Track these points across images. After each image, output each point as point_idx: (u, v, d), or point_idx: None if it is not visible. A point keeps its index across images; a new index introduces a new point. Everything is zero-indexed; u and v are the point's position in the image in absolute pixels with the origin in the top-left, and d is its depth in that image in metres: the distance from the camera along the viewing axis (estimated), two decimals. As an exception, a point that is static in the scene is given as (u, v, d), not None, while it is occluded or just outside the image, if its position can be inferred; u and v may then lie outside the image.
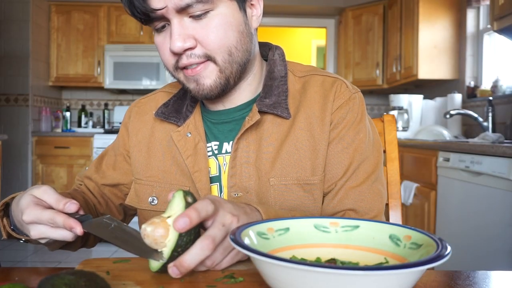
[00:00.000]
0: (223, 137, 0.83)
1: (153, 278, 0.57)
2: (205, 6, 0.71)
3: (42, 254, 3.59)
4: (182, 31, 0.72)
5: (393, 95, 3.75)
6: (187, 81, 0.77)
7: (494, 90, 3.05)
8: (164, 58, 0.77)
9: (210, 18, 0.72)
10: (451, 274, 0.60)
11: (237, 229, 0.54)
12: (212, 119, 0.85)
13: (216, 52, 0.73)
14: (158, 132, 0.87)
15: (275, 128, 0.80)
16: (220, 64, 0.74)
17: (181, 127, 0.83)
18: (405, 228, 0.56)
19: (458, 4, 3.49)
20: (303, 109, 0.81)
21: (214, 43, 0.73)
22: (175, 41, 0.71)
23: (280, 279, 0.46)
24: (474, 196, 2.09)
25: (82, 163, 4.02)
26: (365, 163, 0.80)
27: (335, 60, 4.80)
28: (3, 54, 3.96)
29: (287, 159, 0.79)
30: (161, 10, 0.70)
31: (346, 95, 0.82)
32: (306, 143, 0.79)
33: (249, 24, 0.78)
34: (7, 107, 3.98)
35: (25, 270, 0.61)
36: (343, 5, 4.44)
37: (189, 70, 0.75)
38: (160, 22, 0.74)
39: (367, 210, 0.78)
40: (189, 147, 0.82)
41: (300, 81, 0.85)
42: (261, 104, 0.79)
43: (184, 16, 0.72)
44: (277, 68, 0.84)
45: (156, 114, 0.86)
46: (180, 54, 0.73)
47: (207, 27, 0.72)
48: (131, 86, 4.32)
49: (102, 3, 4.34)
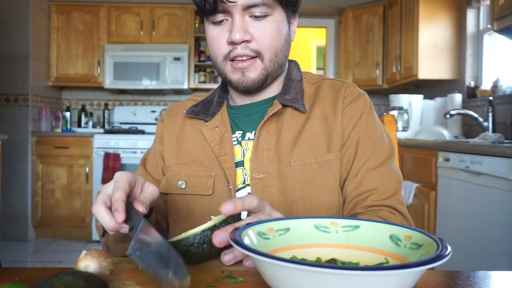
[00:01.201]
0: (246, 127, 0.92)
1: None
2: (267, 9, 0.83)
3: (42, 254, 3.59)
4: (243, 26, 0.82)
5: (393, 95, 3.75)
6: (233, 71, 0.86)
7: (494, 90, 3.05)
8: (217, 48, 0.86)
9: (267, 21, 0.84)
10: (451, 274, 0.60)
11: (237, 229, 0.54)
12: (236, 114, 0.94)
13: (266, 51, 0.85)
14: (188, 129, 0.96)
15: (294, 120, 0.89)
16: (266, 63, 0.85)
17: (209, 122, 0.93)
18: (405, 228, 0.56)
19: (458, 4, 3.49)
20: (317, 105, 0.91)
21: (267, 42, 0.84)
22: (236, 32, 0.81)
23: (280, 279, 0.46)
24: (474, 196, 2.09)
25: (82, 163, 4.02)
26: (380, 148, 0.89)
27: (335, 60, 4.80)
28: (3, 54, 3.96)
29: (305, 144, 0.87)
30: (232, 4, 0.80)
31: (356, 93, 0.92)
32: (321, 129, 0.88)
33: (289, 35, 0.91)
34: (7, 107, 3.98)
35: (25, 270, 0.61)
36: (343, 5, 4.44)
37: (239, 63, 0.85)
38: (222, 15, 0.83)
39: (386, 188, 0.86)
40: (216, 137, 0.90)
41: (314, 86, 0.95)
42: (282, 98, 0.90)
43: (246, 14, 0.82)
44: (293, 73, 0.96)
45: (187, 113, 0.96)
46: (235, 45, 0.83)
47: (264, 28, 0.84)
48: (131, 86, 4.32)
49: (102, 3, 4.34)
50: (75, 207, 4.02)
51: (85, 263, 0.50)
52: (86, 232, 4.06)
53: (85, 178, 4.02)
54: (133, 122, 4.51)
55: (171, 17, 4.37)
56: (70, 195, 4.03)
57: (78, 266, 0.50)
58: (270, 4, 0.83)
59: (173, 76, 4.29)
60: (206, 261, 0.64)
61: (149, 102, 4.76)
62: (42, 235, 4.08)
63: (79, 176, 4.03)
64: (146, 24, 4.37)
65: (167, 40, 4.36)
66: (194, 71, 4.49)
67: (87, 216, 4.02)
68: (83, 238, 4.06)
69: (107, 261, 0.51)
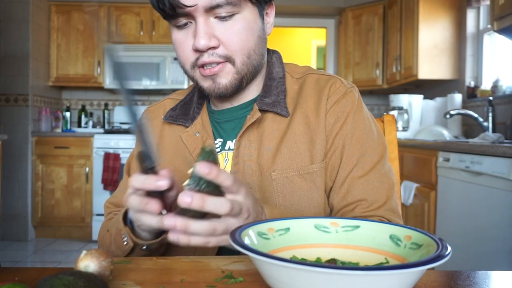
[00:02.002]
0: (226, 135, 0.86)
1: (153, 278, 0.57)
2: (232, 8, 0.74)
3: (42, 254, 3.59)
4: (208, 30, 0.74)
5: (393, 95, 3.75)
6: (203, 79, 0.79)
7: (494, 90, 3.05)
8: (183, 55, 0.78)
9: (234, 20, 0.75)
10: (451, 274, 0.60)
11: (237, 229, 0.54)
12: (216, 119, 0.88)
13: (236, 54, 0.77)
14: (167, 135, 0.90)
15: (275, 125, 0.83)
16: (238, 66, 0.78)
17: (189, 128, 0.87)
18: (405, 228, 0.56)
19: (458, 4, 3.49)
20: (299, 106, 0.84)
21: (236, 45, 0.76)
22: (200, 39, 0.73)
23: (280, 279, 0.45)
24: (474, 196, 2.09)
25: (82, 163, 4.02)
26: (369, 153, 0.81)
27: (335, 60, 4.80)
28: (3, 54, 3.96)
29: (287, 153, 0.81)
30: (191, 8, 0.72)
31: (342, 90, 0.84)
32: (304, 135, 0.82)
33: (264, 30, 0.82)
34: (7, 107, 3.98)
35: (25, 270, 0.61)
36: (343, 5, 4.44)
37: (207, 70, 0.77)
38: (185, 18, 0.75)
39: (376, 197, 0.79)
40: (198, 145, 0.84)
41: (298, 82, 0.88)
42: (261, 103, 0.83)
43: (210, 16, 0.74)
44: (275, 69, 0.88)
45: (165, 118, 0.90)
46: (201, 52, 0.76)
47: (231, 29, 0.75)
48: (131, 86, 4.31)
49: (102, 3, 4.34)
50: (75, 207, 4.03)
51: (85, 263, 0.50)
52: (86, 232, 4.06)
53: (85, 178, 4.02)
54: (133, 122, 4.51)
55: (171, 17, 4.37)
56: (70, 195, 4.03)
57: (78, 266, 0.50)
58: (236, 2, 0.74)
59: (173, 76, 4.29)
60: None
61: (149, 102, 4.76)
62: (42, 235, 4.08)
63: (79, 176, 4.03)
64: (146, 24, 4.37)
65: (167, 40, 4.36)
66: (194, 71, 4.48)
67: (87, 216, 4.02)
68: (83, 238, 4.06)
69: (107, 261, 0.51)
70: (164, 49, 4.28)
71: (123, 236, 0.72)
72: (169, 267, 0.61)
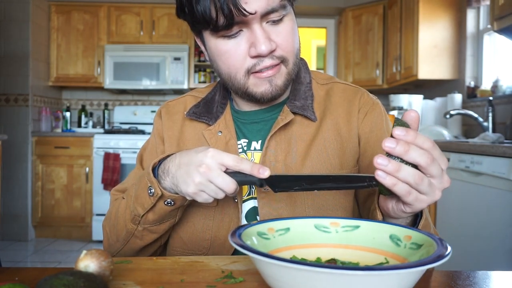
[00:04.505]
0: (252, 136, 0.87)
1: (153, 278, 0.57)
2: (284, 11, 0.76)
3: (42, 254, 3.59)
4: (265, 34, 0.74)
5: (393, 95, 3.75)
6: (257, 84, 0.79)
7: (494, 90, 3.05)
8: (236, 63, 0.77)
9: (284, 23, 0.77)
10: (451, 274, 0.60)
11: (237, 229, 0.54)
12: (241, 119, 0.89)
13: (290, 55, 0.78)
14: (188, 132, 0.90)
15: (303, 129, 0.85)
16: (290, 67, 0.79)
17: (212, 126, 0.87)
18: (405, 228, 0.56)
19: (458, 4, 3.49)
20: (329, 113, 0.86)
21: (291, 46, 0.78)
22: (261, 44, 0.73)
23: (280, 279, 0.46)
24: (474, 196, 2.09)
25: (82, 163, 4.02)
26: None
27: (335, 60, 4.80)
28: (3, 54, 3.96)
29: (316, 157, 0.83)
30: (252, 15, 0.72)
31: (370, 102, 0.88)
32: (334, 142, 0.84)
33: None
34: (7, 107, 3.98)
35: (25, 270, 0.61)
36: (343, 5, 4.44)
37: (264, 73, 0.77)
38: (237, 27, 0.74)
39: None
40: (220, 144, 0.85)
41: (323, 88, 0.90)
42: (292, 105, 0.84)
43: (264, 21, 0.75)
44: (302, 74, 0.90)
45: (188, 114, 0.90)
46: (262, 57, 0.76)
47: (284, 31, 0.77)
48: (131, 86, 4.32)
49: (102, 3, 4.34)
50: (75, 207, 4.03)
51: (85, 263, 0.50)
52: (86, 232, 4.06)
53: (85, 178, 4.02)
54: (133, 122, 4.51)
55: (171, 17, 4.37)
56: (70, 195, 4.03)
57: (78, 266, 0.50)
58: (286, 4, 0.75)
59: (173, 76, 4.29)
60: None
61: (149, 102, 4.77)
62: (42, 235, 4.08)
63: (79, 176, 4.03)
64: (146, 24, 4.37)
65: (167, 40, 4.36)
66: (194, 71, 4.49)
67: (87, 216, 4.02)
68: (83, 238, 4.06)
69: (107, 261, 0.51)
70: (164, 49, 4.28)
71: (149, 188, 0.74)
72: (169, 267, 0.61)
